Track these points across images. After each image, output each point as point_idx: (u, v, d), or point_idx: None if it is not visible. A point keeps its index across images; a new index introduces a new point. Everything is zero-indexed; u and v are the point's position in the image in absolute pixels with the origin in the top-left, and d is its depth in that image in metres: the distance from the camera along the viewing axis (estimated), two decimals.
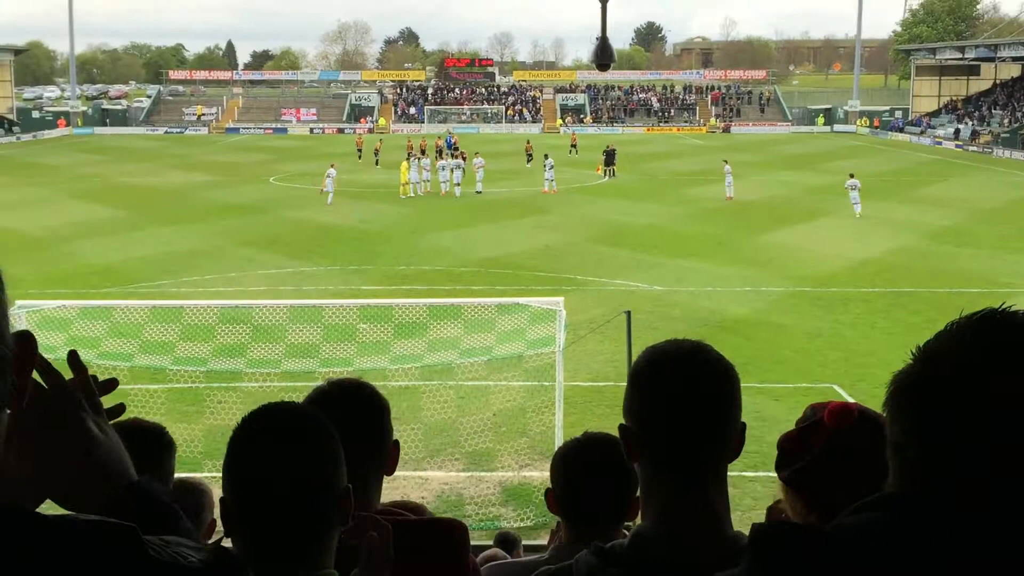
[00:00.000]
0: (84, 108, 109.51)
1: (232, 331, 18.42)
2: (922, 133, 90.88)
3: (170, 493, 2.02)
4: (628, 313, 15.39)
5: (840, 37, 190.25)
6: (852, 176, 43.24)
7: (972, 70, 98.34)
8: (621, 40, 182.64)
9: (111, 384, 1.97)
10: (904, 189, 52.59)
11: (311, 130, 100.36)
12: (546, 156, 52.74)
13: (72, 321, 16.71)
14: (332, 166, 48.19)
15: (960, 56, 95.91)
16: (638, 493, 2.39)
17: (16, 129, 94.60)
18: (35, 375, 1.70)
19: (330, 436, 2.13)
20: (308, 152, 74.70)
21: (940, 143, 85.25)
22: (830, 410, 2.53)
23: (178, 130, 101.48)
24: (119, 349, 16.91)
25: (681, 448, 2.14)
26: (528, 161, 62.16)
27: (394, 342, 18.34)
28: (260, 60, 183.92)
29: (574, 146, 73.05)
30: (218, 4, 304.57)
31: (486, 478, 15.53)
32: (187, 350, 17.90)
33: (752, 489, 13.56)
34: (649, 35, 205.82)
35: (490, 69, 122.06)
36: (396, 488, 14.91)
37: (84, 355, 2.05)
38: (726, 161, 50.89)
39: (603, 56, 8.05)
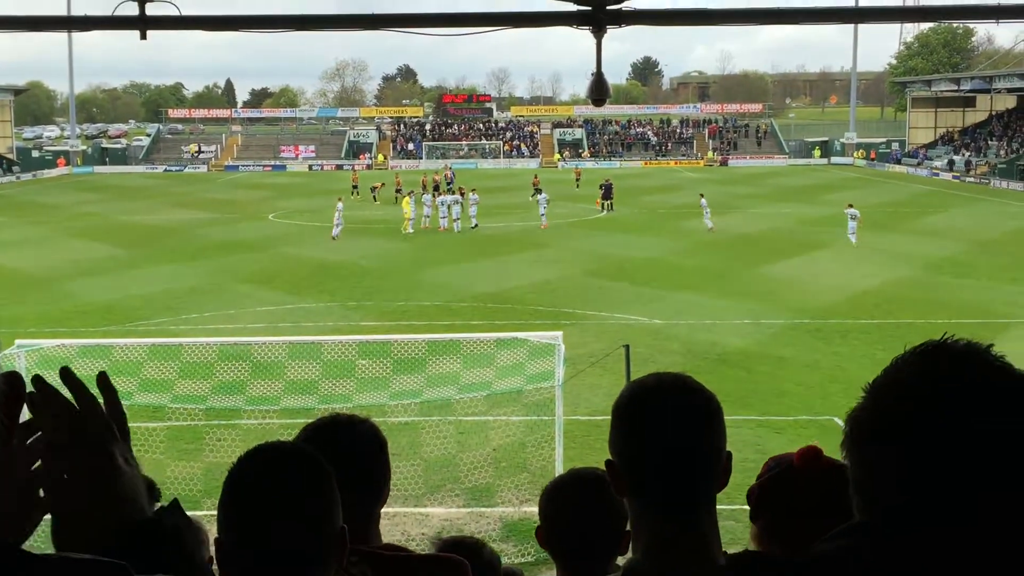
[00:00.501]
0: (84, 147, 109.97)
1: (231, 368, 18.32)
2: (919, 164, 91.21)
3: (192, 527, 2.08)
4: (627, 347, 15.44)
5: (836, 70, 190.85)
6: (851, 206, 43.33)
7: (968, 102, 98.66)
8: (618, 75, 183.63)
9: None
10: (902, 220, 52.73)
11: (310, 167, 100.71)
12: (539, 191, 53.33)
13: (71, 359, 16.65)
14: (340, 200, 49.50)
15: (956, 88, 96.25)
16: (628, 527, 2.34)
17: (16, 168, 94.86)
18: (69, 396, 1.76)
19: (326, 475, 2.09)
20: (307, 189, 75.00)
21: (937, 174, 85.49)
22: (800, 453, 2.66)
23: (177, 168, 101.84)
24: (118, 387, 16.69)
25: (666, 481, 2.09)
26: (537, 195, 61.32)
27: (393, 378, 18.12)
28: (259, 98, 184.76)
29: (578, 180, 73.22)
30: (217, 42, 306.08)
31: (487, 514, 15.39)
32: (186, 388, 17.78)
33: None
34: (646, 70, 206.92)
35: (488, 105, 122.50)
36: (396, 524, 14.87)
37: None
38: (702, 195, 51.32)
39: (598, 91, 8.12)
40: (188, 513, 2.19)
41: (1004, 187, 74.25)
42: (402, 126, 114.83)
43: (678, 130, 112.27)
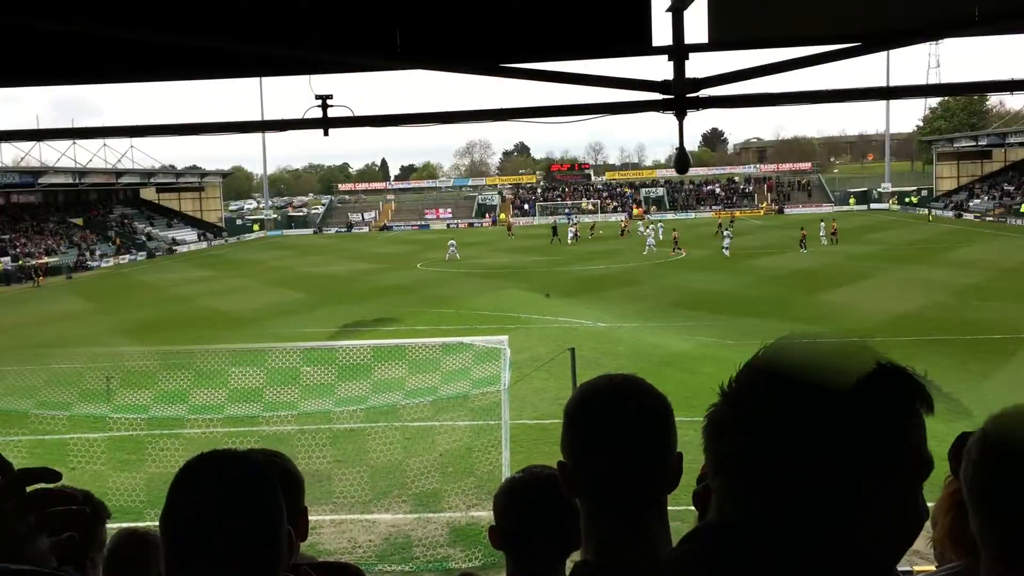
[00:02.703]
0: (274, 216, 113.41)
1: (174, 377, 15.87)
2: (945, 208, 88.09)
3: None
4: (572, 350, 13.43)
5: (872, 132, 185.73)
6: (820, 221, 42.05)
7: (985, 155, 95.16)
8: (691, 143, 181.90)
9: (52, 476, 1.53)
10: (933, 254, 50.88)
11: (447, 225, 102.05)
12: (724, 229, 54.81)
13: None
14: (452, 240, 59.72)
15: (974, 144, 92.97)
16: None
17: (224, 234, 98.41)
18: None
19: (270, 482, 1.75)
20: (446, 243, 76.06)
21: (961, 215, 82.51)
22: None
23: (345, 230, 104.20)
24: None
25: (615, 481, 1.80)
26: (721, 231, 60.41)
27: (338, 384, 15.44)
28: (407, 172, 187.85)
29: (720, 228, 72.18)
30: (374, 133, 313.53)
31: (434, 519, 13.14)
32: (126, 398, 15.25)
33: None
34: (713, 138, 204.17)
35: (587, 171, 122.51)
36: (343, 532, 12.94)
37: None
38: (729, 226, 52.97)
39: (681, 164, 8.01)
40: (133, 524, 1.85)
41: (1018, 224, 71.36)
42: (519, 190, 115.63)
43: (741, 186, 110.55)
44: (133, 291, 52.15)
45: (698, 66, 7.09)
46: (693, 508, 2.41)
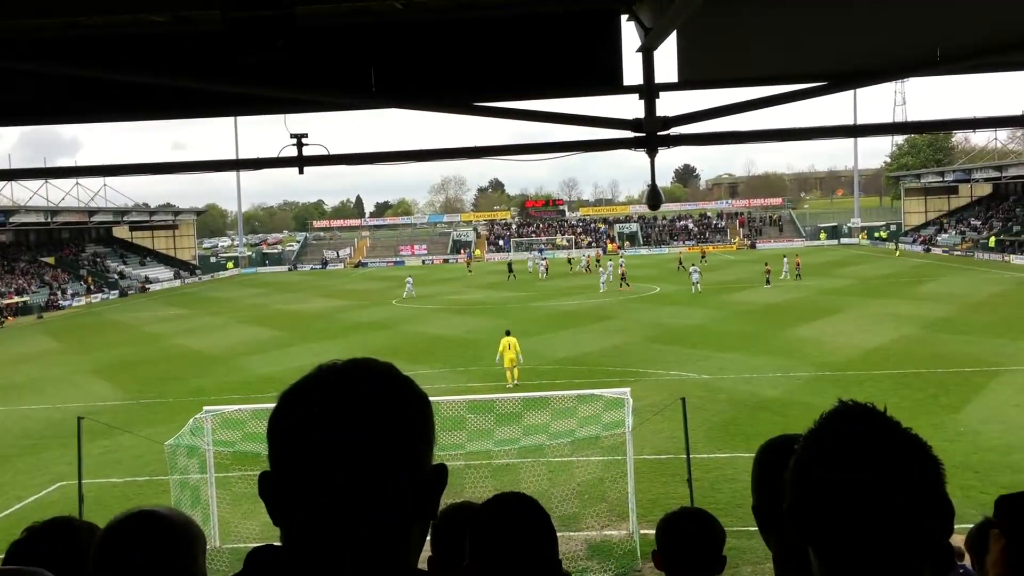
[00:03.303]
0: (249, 253, 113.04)
1: None
2: (914, 243, 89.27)
3: None
4: (683, 399, 15.32)
5: (841, 168, 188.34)
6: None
7: (951, 190, 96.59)
8: (663, 179, 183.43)
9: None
10: (902, 288, 51.47)
11: (423, 261, 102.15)
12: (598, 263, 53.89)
13: (246, 421, 16.98)
14: (409, 277, 60.48)
15: (941, 179, 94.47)
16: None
17: (198, 271, 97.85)
18: None
19: (417, 398, 1.45)
20: (422, 279, 75.95)
21: (929, 250, 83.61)
22: None
23: (320, 267, 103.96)
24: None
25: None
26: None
27: (496, 429, 18.52)
28: (382, 209, 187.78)
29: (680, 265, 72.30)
30: (348, 170, 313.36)
31: (574, 537, 15.30)
32: None
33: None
34: (686, 174, 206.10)
35: (561, 207, 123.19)
36: None
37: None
38: (693, 264, 56.04)
39: (653, 199, 8.11)
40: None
41: (985, 258, 72.26)
42: (494, 226, 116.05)
43: (714, 221, 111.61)
44: (104, 330, 51.63)
45: (668, 105, 7.21)
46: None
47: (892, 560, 1.38)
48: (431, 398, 1.47)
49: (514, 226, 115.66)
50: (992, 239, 77.38)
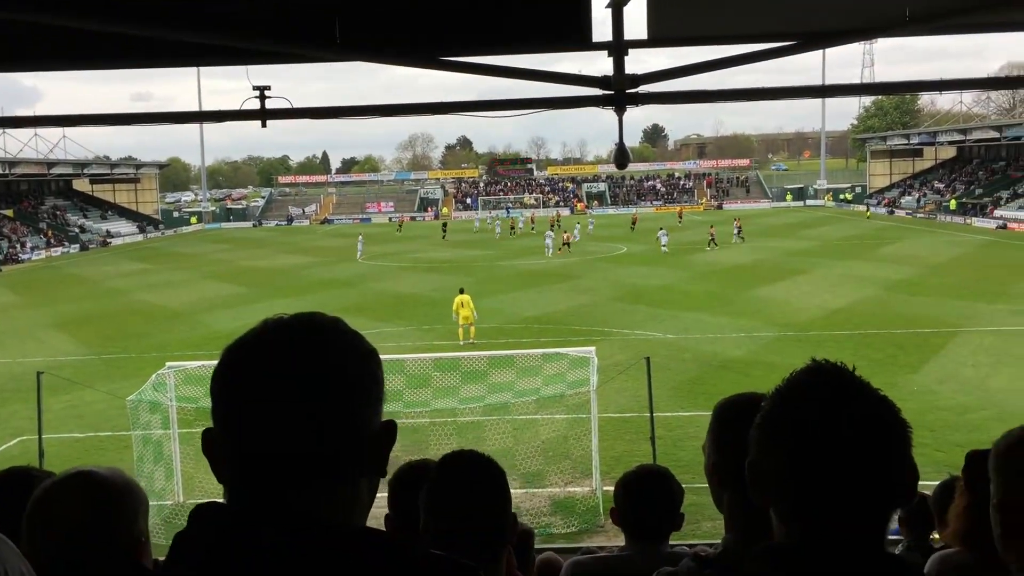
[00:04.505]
0: (212, 208, 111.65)
1: None
2: (879, 205, 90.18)
3: None
4: (647, 358, 15.40)
5: (808, 130, 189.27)
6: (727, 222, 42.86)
7: (916, 153, 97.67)
8: (632, 138, 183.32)
9: None
10: (865, 250, 52.08)
11: (390, 219, 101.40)
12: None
13: (209, 377, 16.75)
14: (360, 235, 60.93)
15: (906, 142, 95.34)
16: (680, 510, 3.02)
17: (161, 226, 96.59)
18: None
19: (364, 352, 1.38)
20: (388, 236, 75.67)
21: (893, 212, 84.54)
22: None
23: (285, 223, 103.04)
24: None
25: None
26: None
27: (461, 386, 18.55)
28: (348, 165, 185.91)
29: (634, 224, 72.97)
30: (315, 126, 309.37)
31: (538, 493, 15.47)
32: None
33: None
34: (654, 134, 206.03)
35: (529, 166, 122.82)
36: None
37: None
38: (662, 228, 56.82)
39: (621, 158, 8.09)
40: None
41: (948, 221, 73.29)
42: (462, 184, 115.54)
43: (682, 181, 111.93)
44: (65, 284, 50.92)
45: (638, 62, 7.17)
46: None
47: (854, 519, 1.39)
48: (397, 356, 1.45)
49: (482, 184, 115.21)
50: (953, 202, 78.39)
